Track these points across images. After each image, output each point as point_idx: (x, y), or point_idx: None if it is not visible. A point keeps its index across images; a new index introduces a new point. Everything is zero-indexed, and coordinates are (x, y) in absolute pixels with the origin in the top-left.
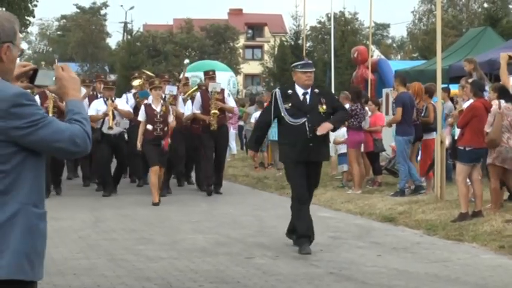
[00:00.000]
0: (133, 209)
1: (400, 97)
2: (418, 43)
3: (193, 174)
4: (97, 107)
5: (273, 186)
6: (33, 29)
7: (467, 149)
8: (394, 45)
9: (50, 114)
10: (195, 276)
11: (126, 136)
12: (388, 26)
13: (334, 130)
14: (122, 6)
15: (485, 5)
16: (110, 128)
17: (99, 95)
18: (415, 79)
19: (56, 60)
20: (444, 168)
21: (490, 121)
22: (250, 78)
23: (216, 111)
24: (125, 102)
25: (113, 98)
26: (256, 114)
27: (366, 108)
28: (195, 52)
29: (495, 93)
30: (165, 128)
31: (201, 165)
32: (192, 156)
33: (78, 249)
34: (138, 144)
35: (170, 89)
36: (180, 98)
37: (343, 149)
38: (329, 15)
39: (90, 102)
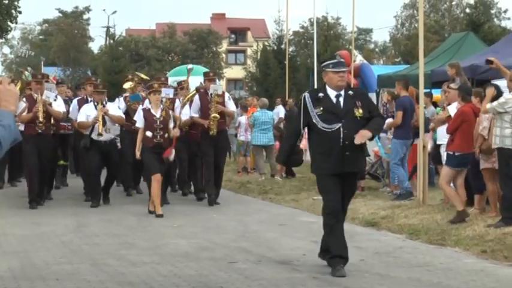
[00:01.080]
0: (116, 214)
1: (401, 101)
2: (401, 48)
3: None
4: (87, 111)
5: (256, 191)
6: (16, 34)
7: (456, 154)
8: (377, 50)
9: (40, 119)
10: (178, 281)
11: (118, 143)
12: (370, 30)
13: (371, 139)
14: (104, 10)
15: (468, 10)
16: (100, 134)
17: (89, 99)
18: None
19: (42, 63)
20: (426, 172)
21: (486, 126)
22: (233, 82)
23: (217, 115)
24: (117, 107)
25: (104, 102)
26: (240, 119)
27: None
28: (177, 57)
29: (476, 98)
30: (166, 135)
31: (199, 173)
32: (190, 163)
33: (61, 254)
34: (137, 153)
35: (166, 92)
36: (178, 102)
37: None
38: (312, 20)
39: (80, 107)
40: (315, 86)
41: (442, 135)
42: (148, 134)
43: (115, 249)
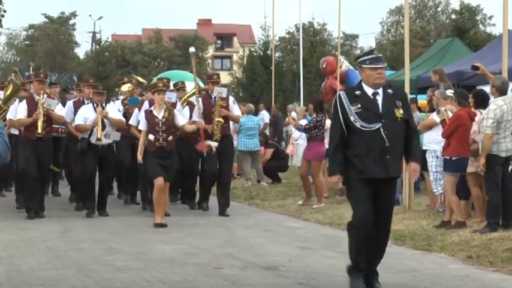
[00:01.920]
0: (101, 219)
1: None
2: (387, 54)
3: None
4: (85, 114)
5: (242, 197)
6: (1, 39)
7: (453, 158)
8: None
9: (39, 130)
10: (163, 286)
11: (114, 148)
12: (356, 36)
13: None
14: (90, 16)
15: (453, 16)
16: (99, 139)
17: (86, 101)
18: None
19: (31, 68)
20: (412, 178)
21: (476, 130)
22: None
23: (221, 120)
24: (117, 110)
25: (104, 105)
26: None
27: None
28: (163, 62)
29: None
30: (169, 138)
31: (204, 181)
32: (188, 170)
33: (46, 260)
34: (139, 157)
35: (169, 96)
36: (179, 105)
37: None
38: (298, 25)
39: (76, 109)
40: (301, 92)
41: (428, 140)
42: (151, 137)
43: (100, 255)
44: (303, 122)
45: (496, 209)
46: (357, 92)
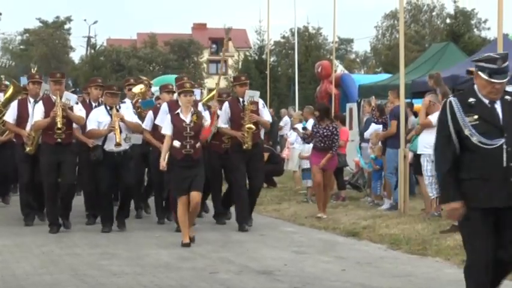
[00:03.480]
0: (97, 224)
1: (396, 110)
2: (382, 58)
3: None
4: (97, 117)
5: None
6: None
7: None
8: (358, 60)
9: (59, 125)
10: None
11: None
12: (351, 41)
13: None
14: (85, 20)
15: (448, 20)
16: (118, 144)
17: (93, 104)
18: (378, 94)
19: (33, 70)
20: (407, 182)
21: None
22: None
23: (252, 126)
24: (132, 112)
25: (118, 107)
26: None
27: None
28: (159, 67)
29: None
30: (197, 144)
31: (232, 193)
32: (210, 181)
33: (41, 265)
34: (163, 163)
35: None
36: (200, 106)
37: (307, 164)
38: (293, 30)
39: (88, 111)
40: (296, 96)
41: (423, 144)
42: (176, 143)
43: (96, 260)
44: (299, 127)
45: None
46: (471, 100)
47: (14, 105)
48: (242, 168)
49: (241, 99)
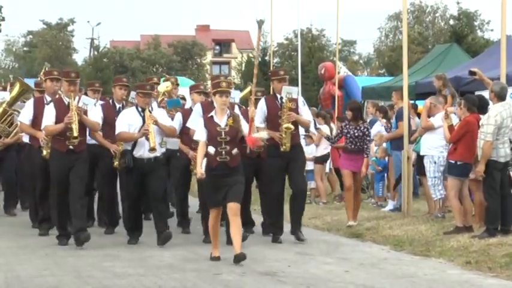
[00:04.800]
0: (95, 226)
1: (402, 111)
2: (385, 59)
3: None
4: (128, 120)
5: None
6: None
7: (458, 163)
8: (361, 61)
9: (75, 133)
10: None
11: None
12: (354, 42)
13: None
14: (88, 22)
15: (451, 22)
16: (153, 149)
17: (117, 105)
18: (381, 95)
19: (46, 68)
20: (411, 184)
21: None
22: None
23: (290, 126)
24: (166, 114)
25: (151, 108)
26: None
27: (332, 125)
28: (162, 68)
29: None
30: (234, 151)
31: (265, 203)
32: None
33: (45, 266)
34: (199, 171)
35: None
36: (236, 108)
37: (310, 165)
38: (296, 31)
39: (106, 114)
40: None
41: (426, 146)
42: (211, 150)
43: (99, 261)
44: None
45: (494, 215)
46: None
47: (30, 104)
48: (281, 175)
49: (278, 96)
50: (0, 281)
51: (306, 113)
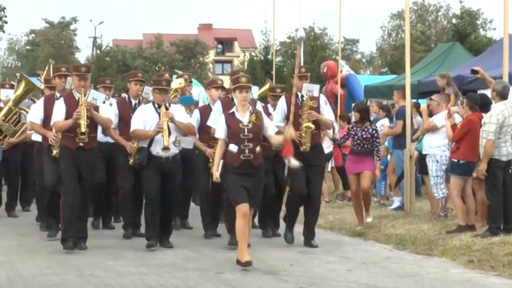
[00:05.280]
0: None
1: (402, 110)
2: (387, 58)
3: None
4: (144, 116)
5: None
6: (2, 44)
7: (461, 162)
8: (364, 60)
9: (83, 129)
10: None
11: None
12: (357, 41)
13: None
14: (91, 21)
15: (454, 20)
16: (166, 148)
17: (133, 101)
18: (384, 94)
19: (51, 66)
20: (413, 183)
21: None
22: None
23: (311, 125)
24: (184, 111)
25: (167, 105)
26: None
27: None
28: (164, 67)
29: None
30: (257, 148)
31: (289, 203)
32: None
33: (47, 265)
34: (216, 173)
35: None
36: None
37: None
38: (298, 30)
39: (122, 109)
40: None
41: (428, 145)
42: (233, 148)
43: (102, 260)
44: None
45: (497, 214)
46: None
47: (40, 103)
48: (300, 175)
49: (299, 94)
50: (3, 279)
51: (327, 112)
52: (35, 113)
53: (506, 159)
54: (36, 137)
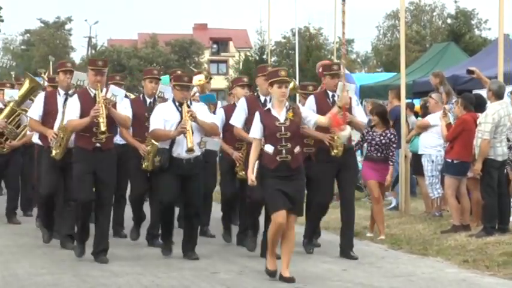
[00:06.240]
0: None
1: (395, 110)
2: (383, 58)
3: None
4: (164, 115)
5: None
6: None
7: (455, 161)
8: (359, 60)
9: (102, 128)
10: None
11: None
12: (352, 41)
13: None
14: (86, 20)
15: (449, 20)
16: (190, 150)
17: (148, 100)
18: (379, 94)
19: (51, 63)
20: (408, 183)
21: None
22: (215, 93)
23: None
24: (207, 110)
25: (189, 103)
26: None
27: None
28: (159, 67)
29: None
30: (296, 149)
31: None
32: None
33: (42, 265)
34: (251, 175)
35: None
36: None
37: None
38: (294, 30)
39: (135, 108)
40: (297, 97)
41: (424, 145)
42: (269, 148)
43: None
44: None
45: (492, 213)
46: None
47: (40, 98)
48: (328, 185)
49: (330, 94)
50: None
51: (360, 113)
52: (33, 108)
53: (501, 159)
54: (37, 139)
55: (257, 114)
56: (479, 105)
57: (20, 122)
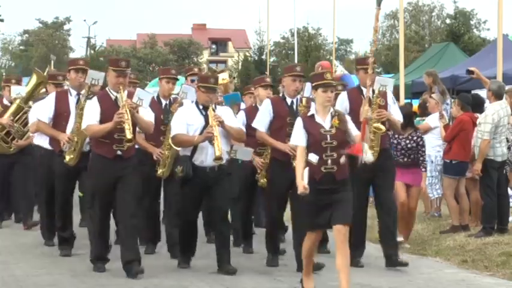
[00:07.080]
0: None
1: None
2: (382, 58)
3: None
4: (187, 119)
5: None
6: None
7: (453, 162)
8: None
9: (128, 135)
10: None
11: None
12: (351, 41)
13: None
14: (85, 21)
15: (448, 21)
16: (219, 159)
17: (163, 101)
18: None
19: (52, 62)
20: None
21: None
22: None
23: (381, 126)
24: (233, 113)
25: (215, 107)
26: None
27: None
28: (158, 67)
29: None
30: (342, 159)
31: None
32: None
33: (41, 265)
34: (302, 184)
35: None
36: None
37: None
38: (292, 30)
39: (156, 110)
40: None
41: None
42: (313, 158)
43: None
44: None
45: (491, 214)
46: None
47: (51, 99)
48: (363, 191)
49: (364, 90)
50: None
51: (396, 112)
52: (43, 110)
53: (501, 159)
54: (39, 141)
55: (299, 120)
56: (476, 105)
57: (27, 120)
